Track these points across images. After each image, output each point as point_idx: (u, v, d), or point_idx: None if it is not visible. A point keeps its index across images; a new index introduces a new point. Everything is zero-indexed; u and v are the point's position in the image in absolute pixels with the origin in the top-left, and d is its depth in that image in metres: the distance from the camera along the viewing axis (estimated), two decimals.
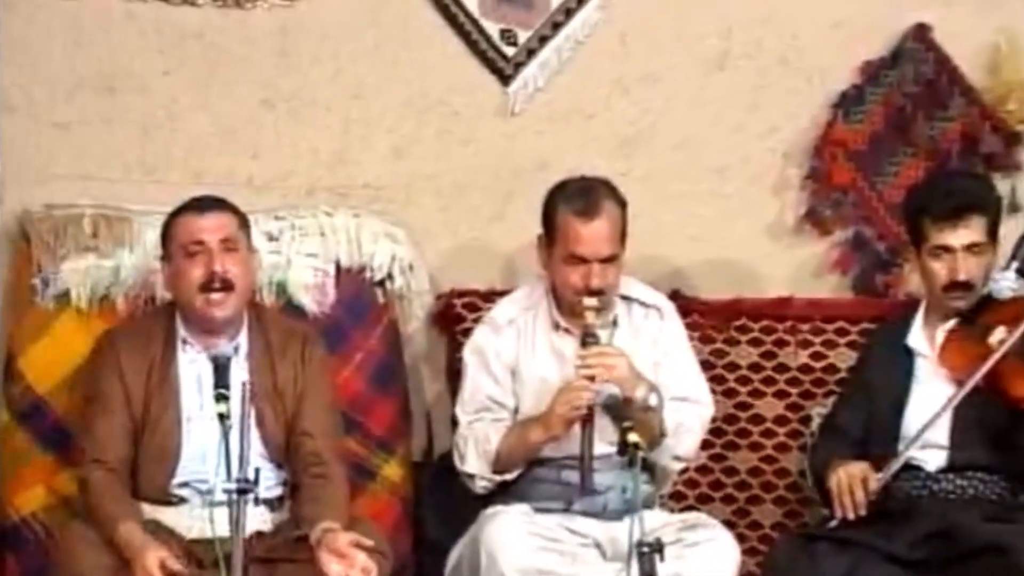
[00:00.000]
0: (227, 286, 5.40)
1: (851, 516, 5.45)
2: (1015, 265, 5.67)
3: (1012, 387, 5.44)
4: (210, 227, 5.43)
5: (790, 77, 6.27)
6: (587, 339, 5.44)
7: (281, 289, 5.89)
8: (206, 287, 5.39)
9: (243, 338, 5.48)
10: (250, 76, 6.16)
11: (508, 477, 5.54)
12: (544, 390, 5.51)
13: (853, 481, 5.46)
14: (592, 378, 5.38)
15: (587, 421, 5.39)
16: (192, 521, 5.32)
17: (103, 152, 6.04)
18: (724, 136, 6.27)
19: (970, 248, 5.54)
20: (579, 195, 5.54)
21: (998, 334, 5.46)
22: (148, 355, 5.47)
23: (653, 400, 5.45)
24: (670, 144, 6.25)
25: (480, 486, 5.57)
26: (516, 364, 5.62)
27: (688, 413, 5.61)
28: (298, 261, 5.94)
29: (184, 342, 5.49)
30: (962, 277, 5.52)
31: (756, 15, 6.27)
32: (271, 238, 5.90)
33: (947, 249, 5.54)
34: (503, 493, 5.55)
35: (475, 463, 5.56)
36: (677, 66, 6.24)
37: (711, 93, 6.25)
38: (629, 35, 6.24)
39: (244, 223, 5.53)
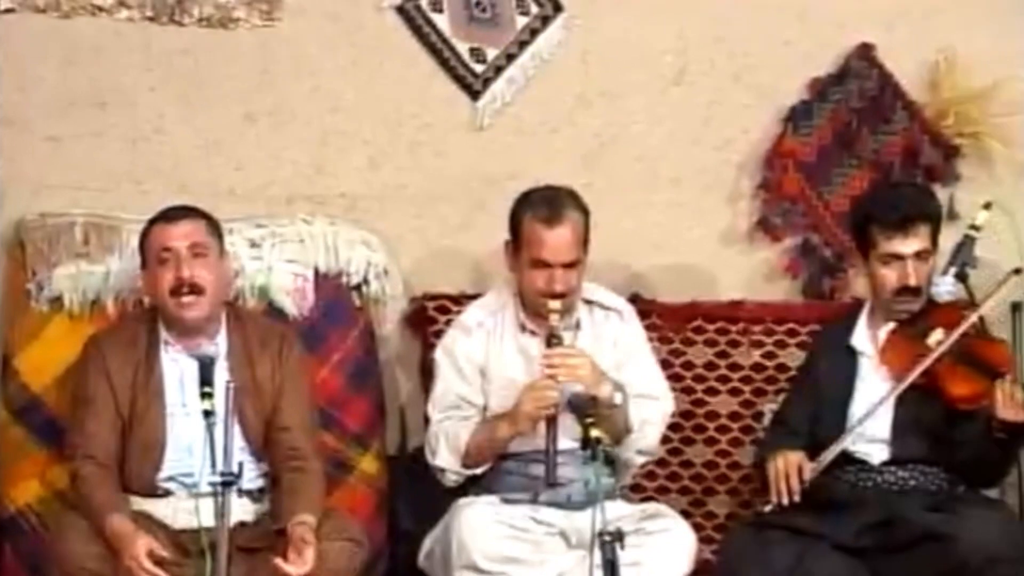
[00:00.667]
0: (196, 290, 5.40)
1: (785, 501, 5.49)
2: (953, 270, 5.68)
3: (949, 386, 5.48)
4: (179, 234, 5.43)
5: (743, 93, 6.27)
6: (551, 340, 5.45)
7: (263, 293, 5.87)
8: (176, 291, 5.39)
9: (223, 338, 5.48)
10: (233, 92, 6.15)
11: (477, 471, 5.54)
12: (511, 389, 5.51)
13: (789, 468, 5.48)
14: (556, 377, 5.36)
15: (552, 418, 5.40)
16: (178, 512, 5.32)
17: (94, 164, 6.04)
18: (680, 148, 6.26)
19: (917, 255, 5.57)
20: (544, 204, 5.54)
21: (936, 336, 5.50)
22: (133, 356, 5.47)
23: (618, 398, 5.48)
24: (630, 156, 6.26)
25: (451, 480, 5.57)
26: (485, 364, 5.61)
27: (650, 409, 5.61)
28: (279, 267, 5.92)
29: (167, 343, 5.47)
30: (912, 282, 5.56)
31: (711, 35, 6.27)
32: (253, 245, 5.89)
33: (897, 256, 5.56)
34: (473, 485, 5.55)
35: (446, 458, 5.55)
36: (636, 83, 6.24)
37: (668, 108, 6.26)
38: (591, 54, 6.24)
39: (216, 230, 5.52)
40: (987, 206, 5.74)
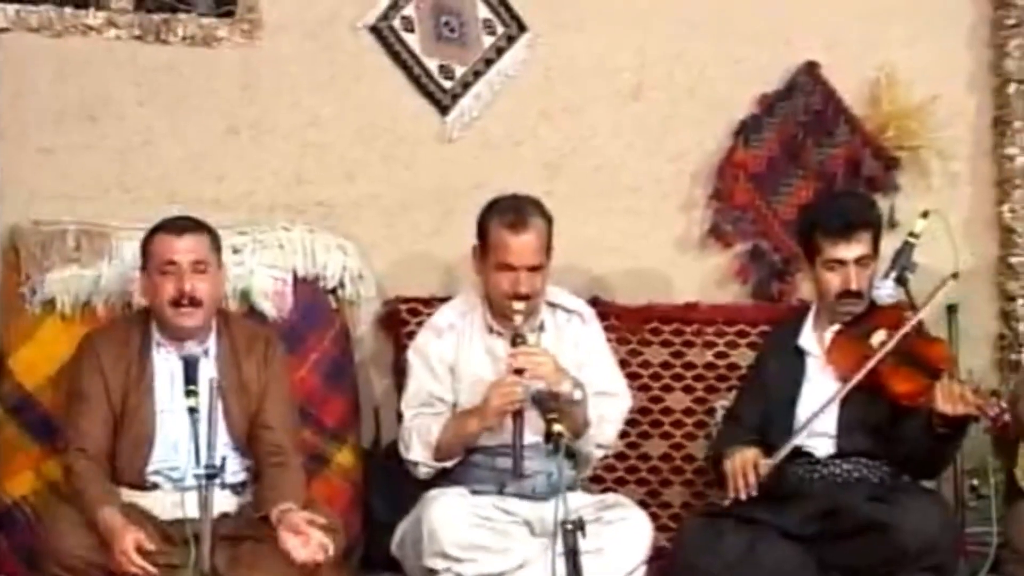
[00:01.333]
0: (195, 303, 5.39)
1: (743, 496, 5.48)
2: (893, 275, 5.66)
3: (891, 385, 5.50)
4: (184, 249, 5.41)
5: (697, 108, 6.30)
6: (516, 340, 5.44)
7: (245, 296, 5.85)
8: (176, 303, 5.38)
9: (212, 341, 5.46)
10: (216, 106, 6.14)
11: (448, 464, 5.54)
12: (479, 386, 5.51)
13: (745, 465, 5.49)
14: (521, 373, 5.37)
15: (518, 414, 5.39)
16: (165, 504, 5.31)
17: (85, 174, 6.01)
18: (638, 160, 6.29)
19: (859, 260, 5.58)
20: (510, 211, 5.54)
21: (878, 337, 5.52)
22: (126, 355, 5.44)
23: (577, 395, 5.45)
24: (590, 167, 6.28)
25: (423, 472, 5.57)
26: (454, 363, 5.61)
27: (608, 406, 5.62)
28: (259, 271, 5.91)
29: (158, 344, 5.45)
30: (854, 286, 5.57)
31: (667, 52, 6.31)
32: (235, 251, 5.85)
33: (840, 262, 5.57)
34: (443, 477, 5.55)
35: (419, 452, 5.55)
36: (596, 98, 6.27)
37: (626, 122, 6.29)
38: (553, 71, 6.27)
39: (216, 244, 5.50)
40: (925, 214, 5.73)
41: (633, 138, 6.28)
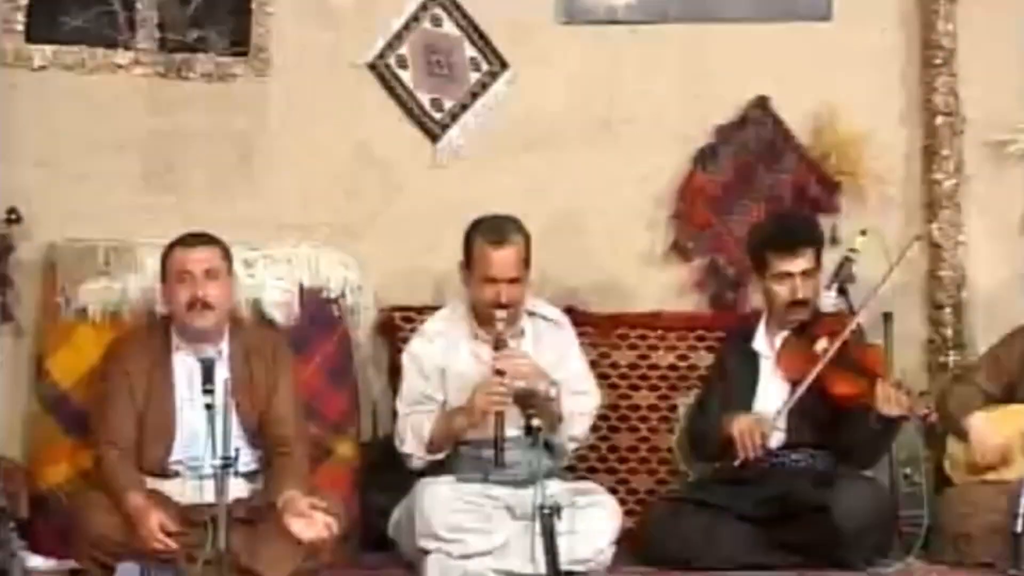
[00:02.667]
0: (207, 306, 5.38)
1: (752, 456, 5.46)
2: (835, 286, 5.70)
3: (832, 387, 5.51)
4: (196, 259, 5.42)
5: (660, 138, 6.26)
6: (499, 344, 5.45)
7: (256, 305, 5.85)
8: (191, 306, 5.38)
9: (225, 344, 5.45)
10: (231, 136, 6.14)
11: (439, 457, 5.53)
12: (466, 386, 5.50)
13: (752, 427, 5.49)
14: (503, 374, 5.38)
15: (500, 410, 5.37)
16: (185, 490, 5.33)
17: (113, 197, 6.02)
18: (608, 184, 6.26)
19: (804, 273, 5.59)
20: (492, 229, 5.54)
21: (821, 344, 5.52)
22: (149, 358, 5.45)
23: (553, 392, 5.46)
24: (565, 190, 6.25)
25: (416, 464, 5.56)
26: (444, 366, 5.59)
27: (581, 403, 5.62)
28: (269, 284, 5.90)
29: (177, 348, 5.45)
30: (800, 296, 5.58)
31: (633, 89, 6.25)
32: (248, 265, 5.85)
33: (788, 274, 5.58)
34: (434, 468, 5.54)
35: (413, 445, 5.54)
36: (570, 128, 6.26)
37: (597, 150, 6.26)
38: (532, 104, 6.25)
39: (226, 254, 5.50)
40: (863, 232, 5.77)
41: (603, 164, 6.25)
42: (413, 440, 5.56)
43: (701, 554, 5.45)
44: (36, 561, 5.35)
